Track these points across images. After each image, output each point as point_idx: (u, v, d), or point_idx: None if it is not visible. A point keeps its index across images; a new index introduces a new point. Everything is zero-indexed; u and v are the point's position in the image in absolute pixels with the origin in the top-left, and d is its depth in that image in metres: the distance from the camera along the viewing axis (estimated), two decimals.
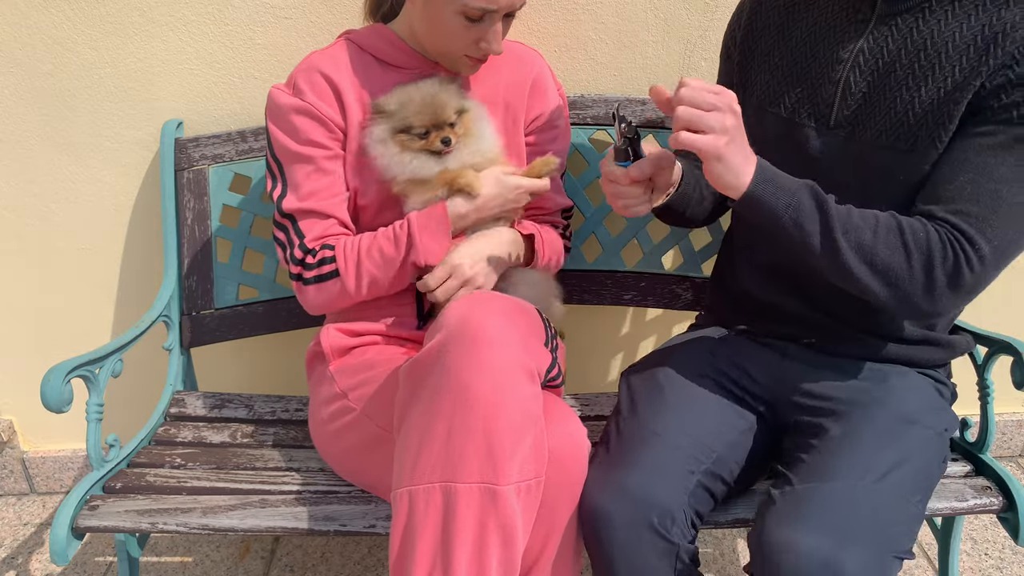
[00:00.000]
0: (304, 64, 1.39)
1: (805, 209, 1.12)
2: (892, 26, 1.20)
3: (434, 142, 1.36)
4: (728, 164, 1.08)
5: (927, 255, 1.11)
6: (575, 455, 1.19)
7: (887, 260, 1.12)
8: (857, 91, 1.21)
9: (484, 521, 1.06)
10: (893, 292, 1.13)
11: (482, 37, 1.33)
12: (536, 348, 1.17)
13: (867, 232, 1.12)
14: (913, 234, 1.12)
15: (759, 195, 1.10)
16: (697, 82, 1.08)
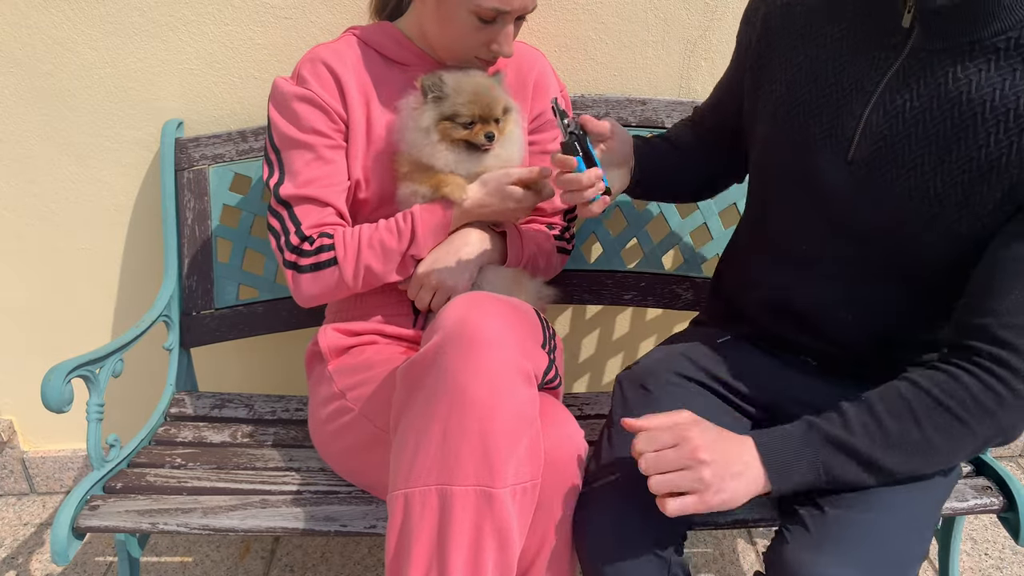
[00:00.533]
0: (309, 55, 1.40)
1: (835, 465, 1.04)
2: (926, 65, 1.05)
3: (478, 135, 1.35)
4: (730, 498, 1.02)
5: (983, 411, 1.00)
6: (572, 457, 1.19)
7: (949, 443, 1.02)
8: (879, 132, 1.09)
9: (480, 524, 1.06)
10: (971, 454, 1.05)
11: (493, 39, 1.33)
12: (533, 350, 1.17)
13: (913, 431, 1.02)
14: (952, 396, 1.01)
15: (785, 487, 1.05)
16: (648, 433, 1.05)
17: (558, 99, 1.23)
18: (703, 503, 1.01)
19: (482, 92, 1.34)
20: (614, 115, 1.71)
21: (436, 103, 1.34)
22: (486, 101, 1.34)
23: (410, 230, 1.35)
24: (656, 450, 1.04)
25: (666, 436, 1.04)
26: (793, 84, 1.20)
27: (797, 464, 1.05)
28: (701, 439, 1.03)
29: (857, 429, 1.04)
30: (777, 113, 1.22)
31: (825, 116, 1.15)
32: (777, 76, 1.23)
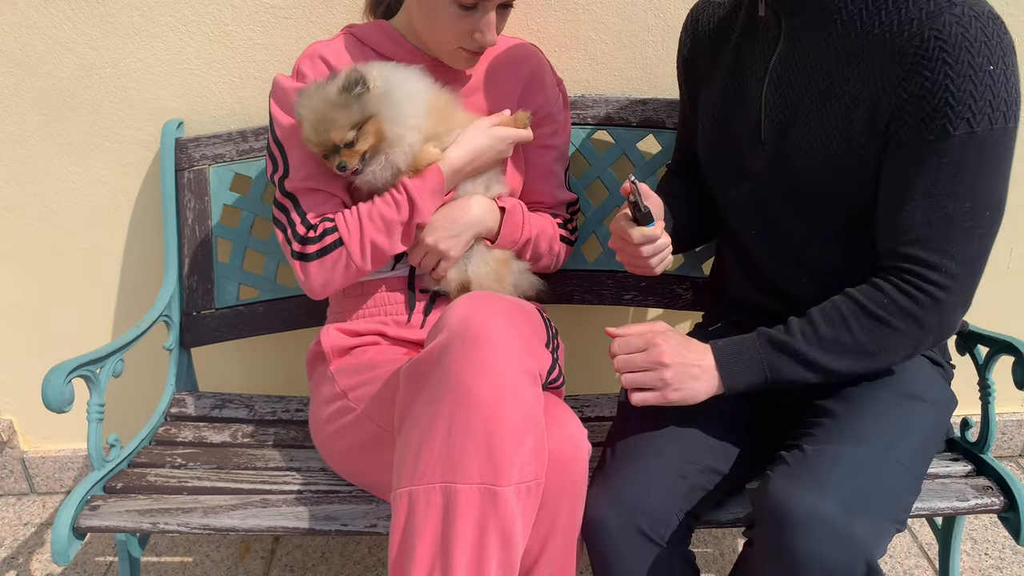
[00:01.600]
0: (307, 51, 1.42)
1: (780, 367, 1.18)
2: (798, 39, 1.21)
3: (332, 164, 1.31)
4: (688, 395, 1.19)
5: (900, 312, 1.14)
6: (576, 456, 1.19)
7: (875, 343, 1.15)
8: (776, 108, 1.24)
9: (484, 522, 1.06)
10: (904, 353, 1.18)
11: (476, 28, 1.34)
12: (537, 349, 1.17)
13: (843, 334, 1.16)
14: (876, 303, 1.14)
15: (735, 387, 1.20)
16: (623, 338, 1.22)
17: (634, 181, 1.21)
18: (663, 398, 1.19)
19: (320, 119, 1.27)
20: (614, 115, 1.71)
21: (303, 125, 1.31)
22: (324, 131, 1.27)
23: (406, 200, 1.34)
24: (628, 353, 1.21)
25: (637, 341, 1.21)
26: (711, 93, 1.36)
27: (745, 365, 1.20)
28: (666, 345, 1.20)
29: (796, 334, 1.18)
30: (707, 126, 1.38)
31: (739, 112, 1.30)
32: (704, 88, 1.39)
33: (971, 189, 1.10)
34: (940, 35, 1.07)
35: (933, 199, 1.11)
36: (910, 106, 1.10)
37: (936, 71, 1.07)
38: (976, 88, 1.06)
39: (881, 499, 1.10)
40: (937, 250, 1.12)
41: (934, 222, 1.11)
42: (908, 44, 1.09)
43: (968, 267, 1.13)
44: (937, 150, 1.09)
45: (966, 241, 1.12)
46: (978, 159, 1.09)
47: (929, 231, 1.12)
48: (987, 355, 1.49)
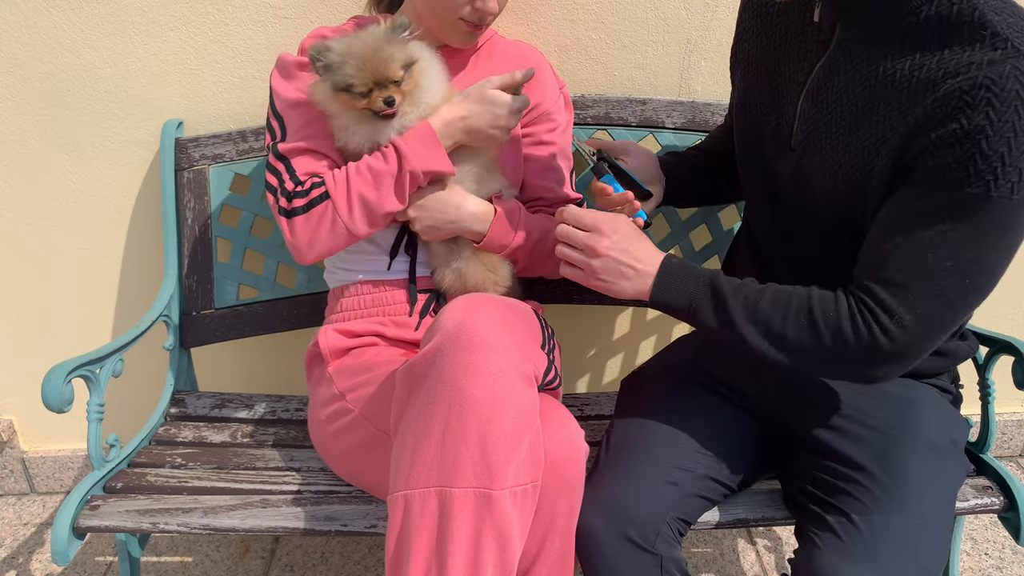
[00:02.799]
0: (313, 33, 1.43)
1: (704, 308, 1.17)
2: (848, 53, 1.13)
3: (376, 101, 1.28)
4: (610, 289, 1.21)
5: (836, 331, 1.09)
6: (572, 458, 1.19)
7: (796, 342, 1.11)
8: (810, 119, 1.18)
9: (479, 526, 1.06)
10: (813, 367, 1.14)
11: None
12: (533, 352, 1.17)
13: (776, 319, 1.12)
14: (824, 313, 1.10)
15: (659, 301, 1.20)
16: (569, 214, 1.22)
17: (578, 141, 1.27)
18: (586, 281, 1.22)
19: (372, 54, 1.26)
20: (614, 115, 1.71)
21: (327, 73, 1.28)
22: (377, 64, 1.26)
23: (393, 149, 1.31)
24: (574, 227, 1.21)
25: (587, 219, 1.21)
26: (748, 79, 1.31)
27: (680, 289, 1.19)
28: (609, 239, 1.19)
29: (740, 295, 1.15)
30: (738, 111, 1.34)
31: (771, 112, 1.24)
32: (742, 72, 1.34)
33: (958, 250, 1.02)
34: (994, 84, 0.96)
35: (916, 246, 1.04)
36: (937, 150, 1.00)
37: (974, 120, 0.97)
38: (1011, 152, 0.96)
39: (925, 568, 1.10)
40: (899, 297, 1.05)
41: (907, 268, 1.05)
42: (957, 88, 0.98)
43: (923, 326, 1.05)
44: (942, 200, 1.01)
45: (931, 299, 1.04)
46: (981, 224, 1.00)
47: (900, 275, 1.05)
48: (987, 355, 1.49)
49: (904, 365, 1.09)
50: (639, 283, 1.19)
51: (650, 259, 1.20)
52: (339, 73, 1.27)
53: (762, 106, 1.26)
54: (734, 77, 1.38)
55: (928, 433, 1.22)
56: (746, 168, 1.35)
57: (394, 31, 1.29)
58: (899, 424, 1.22)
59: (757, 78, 1.28)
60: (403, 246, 1.45)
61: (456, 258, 1.42)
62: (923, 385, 1.30)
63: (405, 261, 1.46)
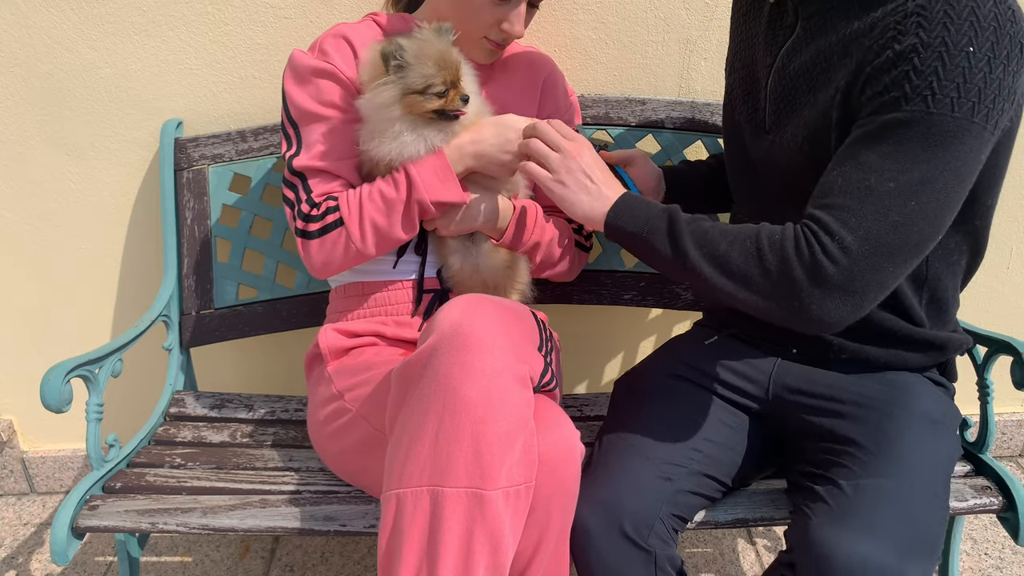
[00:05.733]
0: (332, 31, 1.41)
1: (657, 231, 1.15)
2: (810, 30, 1.16)
3: (454, 100, 1.28)
4: (569, 199, 1.21)
5: (780, 254, 1.06)
6: (567, 459, 1.18)
7: (742, 267, 1.08)
8: (777, 96, 1.21)
9: (471, 526, 1.06)
10: (761, 299, 1.09)
11: (505, 18, 1.35)
12: (529, 353, 1.17)
13: (722, 243, 1.10)
14: (769, 236, 1.08)
15: (614, 224, 1.19)
16: (559, 123, 1.25)
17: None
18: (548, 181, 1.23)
19: (446, 54, 1.28)
20: (614, 115, 1.71)
21: (399, 74, 1.27)
22: (452, 63, 1.28)
23: (404, 177, 1.32)
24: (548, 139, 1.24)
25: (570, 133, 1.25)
26: (731, 81, 1.35)
27: (635, 214, 1.17)
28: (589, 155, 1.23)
29: (694, 223, 1.14)
30: (724, 108, 1.37)
31: (748, 100, 1.28)
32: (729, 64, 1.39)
33: (902, 170, 1.01)
34: (923, 9, 1.00)
35: (860, 169, 1.03)
36: (874, 79, 1.03)
37: (905, 42, 1.00)
38: (945, 67, 0.97)
39: (927, 540, 1.08)
40: (840, 219, 1.03)
41: (851, 191, 1.03)
42: (890, 18, 1.03)
43: (868, 248, 1.02)
44: (883, 123, 1.02)
45: (875, 220, 1.02)
46: (924, 142, 1.00)
47: (843, 199, 1.03)
48: (986, 355, 1.49)
49: (850, 298, 1.04)
50: (597, 203, 1.20)
51: (614, 188, 1.22)
52: (415, 73, 1.27)
53: (741, 96, 1.30)
54: (726, 77, 1.42)
55: (921, 406, 1.22)
56: (731, 163, 1.37)
57: (441, 34, 1.30)
58: (892, 400, 1.23)
59: (739, 73, 1.32)
60: (412, 245, 1.45)
61: (474, 253, 1.43)
62: (916, 374, 1.30)
63: (411, 261, 1.46)
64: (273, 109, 1.76)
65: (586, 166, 1.22)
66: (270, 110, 1.76)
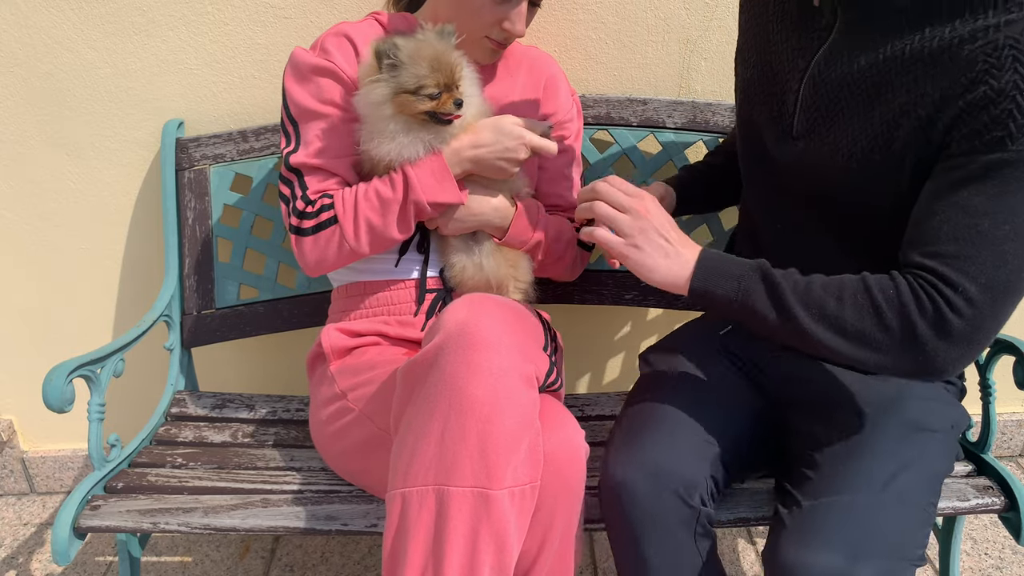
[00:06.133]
0: (334, 29, 1.41)
1: (755, 292, 1.08)
2: (851, 37, 1.11)
3: (447, 104, 1.27)
4: (647, 264, 1.11)
5: (900, 309, 1.01)
6: (572, 459, 1.19)
7: (858, 325, 1.03)
8: (813, 106, 1.15)
9: (476, 526, 1.06)
10: (882, 357, 1.04)
11: (506, 17, 1.35)
12: (534, 353, 1.17)
13: (831, 300, 1.04)
14: (883, 291, 1.02)
15: (701, 289, 1.10)
16: (616, 179, 1.16)
17: None
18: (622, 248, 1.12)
19: (442, 56, 1.26)
20: (615, 115, 1.71)
21: (392, 72, 1.26)
22: (448, 65, 1.26)
23: (401, 177, 1.32)
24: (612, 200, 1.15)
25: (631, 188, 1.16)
26: (747, 75, 1.28)
27: (723, 275, 1.10)
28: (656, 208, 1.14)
29: (789, 278, 1.07)
30: (739, 101, 1.31)
31: (771, 100, 1.21)
32: (742, 57, 1.32)
33: (1015, 212, 0.97)
34: (1016, 43, 0.95)
35: (967, 214, 0.98)
36: (969, 116, 0.98)
37: (1004, 79, 0.95)
38: None
39: (888, 540, 1.07)
40: (959, 269, 0.98)
41: (963, 238, 0.98)
42: (980, 51, 0.97)
43: (991, 296, 0.98)
44: (987, 163, 0.97)
45: (995, 267, 0.98)
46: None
47: (955, 247, 0.99)
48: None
49: (974, 347, 1.01)
50: (677, 266, 1.11)
51: (689, 245, 1.14)
52: (408, 73, 1.26)
53: (762, 95, 1.24)
54: (737, 67, 1.36)
55: (912, 414, 1.20)
56: (746, 160, 1.33)
57: (443, 37, 1.29)
58: (880, 407, 1.22)
59: (757, 67, 1.26)
60: (414, 244, 1.45)
61: (477, 252, 1.43)
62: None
63: (413, 260, 1.46)
64: (274, 109, 1.76)
65: (659, 225, 1.13)
66: (271, 110, 1.76)
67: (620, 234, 1.13)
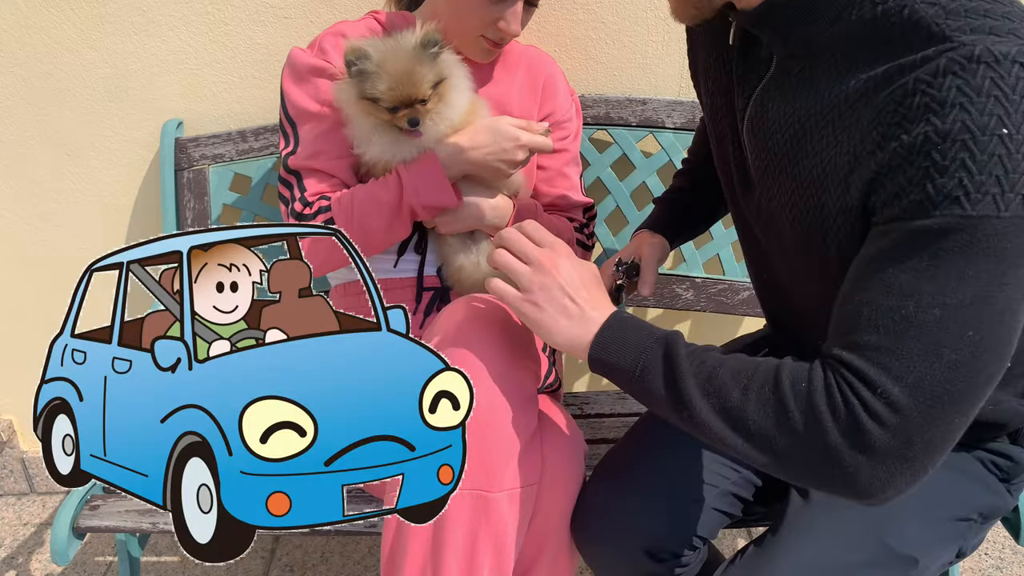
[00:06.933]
0: (332, 29, 1.41)
1: (653, 370, 0.92)
2: (786, 74, 0.93)
3: (400, 120, 1.27)
4: (545, 324, 0.99)
5: (808, 411, 0.82)
6: (571, 460, 1.18)
7: (760, 424, 0.85)
8: (756, 151, 0.99)
9: (475, 528, 1.06)
10: (792, 469, 0.86)
11: (501, 16, 1.34)
12: (532, 354, 1.17)
13: (735, 391, 0.87)
14: (793, 384, 0.84)
15: (599, 359, 0.97)
16: (531, 226, 1.04)
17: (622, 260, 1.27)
18: (519, 302, 1.01)
19: (404, 75, 1.24)
20: (614, 115, 1.71)
21: (359, 79, 1.26)
22: (408, 85, 1.24)
23: (396, 180, 1.31)
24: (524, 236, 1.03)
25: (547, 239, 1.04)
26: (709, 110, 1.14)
27: (626, 345, 0.95)
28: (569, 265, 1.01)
29: (696, 359, 0.91)
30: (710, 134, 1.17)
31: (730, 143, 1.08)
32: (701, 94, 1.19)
33: (946, 293, 0.77)
34: (929, 86, 0.76)
35: (890, 294, 0.79)
36: (884, 177, 0.80)
37: (914, 131, 0.77)
38: (975, 158, 0.74)
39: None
40: (880, 364, 0.79)
41: (885, 325, 0.79)
42: (891, 98, 0.79)
43: (922, 401, 0.78)
44: (910, 233, 0.78)
45: (925, 363, 0.78)
46: (967, 253, 0.76)
47: (876, 336, 0.80)
48: None
49: (912, 467, 0.80)
50: (579, 328, 0.98)
51: (602, 307, 1.00)
52: (369, 83, 1.26)
53: (722, 135, 1.10)
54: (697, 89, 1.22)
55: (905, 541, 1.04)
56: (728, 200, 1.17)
57: (425, 47, 1.27)
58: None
59: (713, 103, 1.11)
60: (413, 243, 1.45)
61: (475, 251, 1.43)
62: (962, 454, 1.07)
63: (411, 259, 1.46)
64: (273, 109, 1.75)
65: (565, 282, 0.99)
66: (270, 110, 1.76)
67: (519, 288, 1.01)
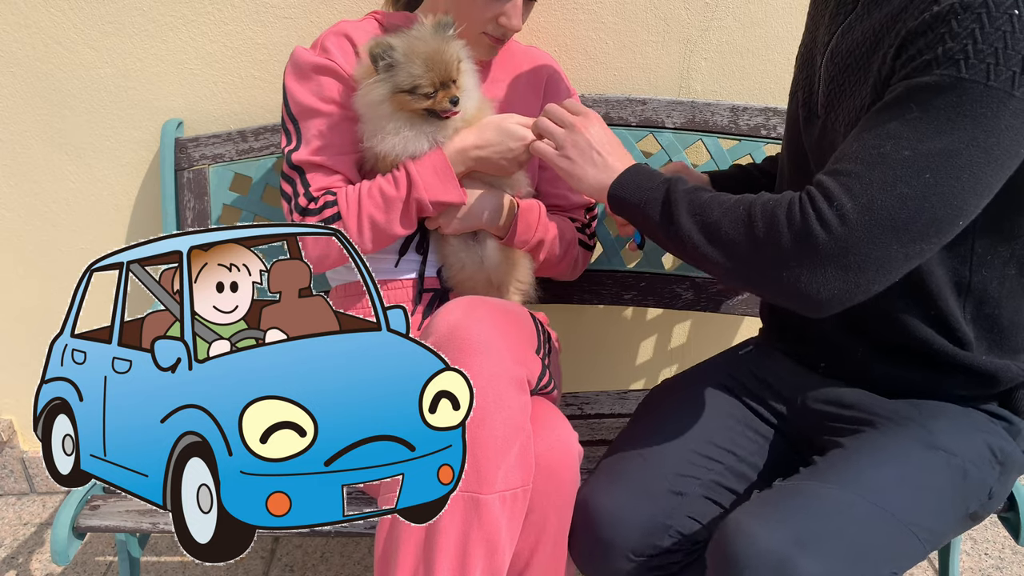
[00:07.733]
0: (334, 28, 1.42)
1: (653, 200, 1.10)
2: (867, 6, 1.06)
3: (443, 102, 1.28)
4: (575, 173, 1.18)
5: (770, 219, 0.97)
6: (564, 462, 1.18)
7: (730, 232, 1.00)
8: (830, 77, 1.10)
9: (467, 530, 1.06)
10: (743, 267, 1.01)
11: (502, 11, 1.34)
12: (526, 356, 1.17)
13: (716, 211, 1.03)
14: (764, 203, 0.99)
15: (616, 195, 1.15)
16: (569, 102, 1.23)
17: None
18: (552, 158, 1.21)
19: (437, 54, 1.26)
20: (614, 115, 1.71)
21: (388, 73, 1.27)
22: (443, 63, 1.27)
23: (405, 175, 1.32)
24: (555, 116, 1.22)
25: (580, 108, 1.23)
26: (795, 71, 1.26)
27: (638, 186, 1.13)
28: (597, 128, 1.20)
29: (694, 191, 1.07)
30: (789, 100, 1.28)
31: (804, 85, 1.19)
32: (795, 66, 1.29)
33: (921, 139, 0.91)
34: None
35: (878, 137, 0.93)
36: (909, 43, 0.93)
37: (944, 3, 0.90)
38: (984, 29, 0.86)
39: (849, 543, 0.96)
40: (844, 185, 0.93)
41: (863, 158, 0.93)
42: None
43: (868, 219, 0.91)
44: (911, 87, 0.92)
45: (880, 190, 0.91)
46: (951, 111, 0.89)
47: (852, 164, 0.94)
48: None
49: (847, 277, 0.93)
50: (602, 175, 1.16)
51: (623, 160, 1.18)
52: (404, 73, 1.26)
53: (801, 82, 1.21)
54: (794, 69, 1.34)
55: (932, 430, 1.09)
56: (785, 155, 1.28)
57: (439, 30, 1.29)
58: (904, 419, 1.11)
59: (801, 58, 1.24)
60: (414, 244, 1.45)
61: (478, 252, 1.43)
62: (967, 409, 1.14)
63: (412, 260, 1.45)
64: (273, 109, 1.76)
65: (594, 139, 1.18)
66: (271, 110, 1.76)
67: (556, 147, 1.21)
